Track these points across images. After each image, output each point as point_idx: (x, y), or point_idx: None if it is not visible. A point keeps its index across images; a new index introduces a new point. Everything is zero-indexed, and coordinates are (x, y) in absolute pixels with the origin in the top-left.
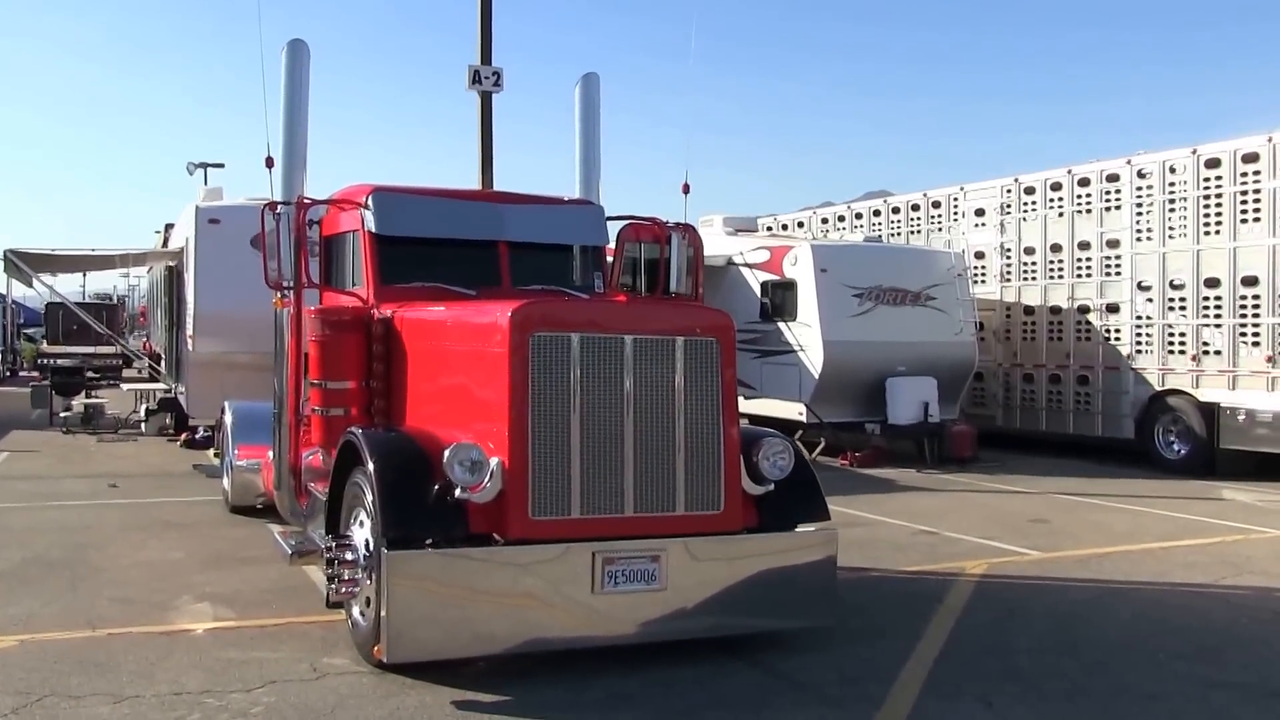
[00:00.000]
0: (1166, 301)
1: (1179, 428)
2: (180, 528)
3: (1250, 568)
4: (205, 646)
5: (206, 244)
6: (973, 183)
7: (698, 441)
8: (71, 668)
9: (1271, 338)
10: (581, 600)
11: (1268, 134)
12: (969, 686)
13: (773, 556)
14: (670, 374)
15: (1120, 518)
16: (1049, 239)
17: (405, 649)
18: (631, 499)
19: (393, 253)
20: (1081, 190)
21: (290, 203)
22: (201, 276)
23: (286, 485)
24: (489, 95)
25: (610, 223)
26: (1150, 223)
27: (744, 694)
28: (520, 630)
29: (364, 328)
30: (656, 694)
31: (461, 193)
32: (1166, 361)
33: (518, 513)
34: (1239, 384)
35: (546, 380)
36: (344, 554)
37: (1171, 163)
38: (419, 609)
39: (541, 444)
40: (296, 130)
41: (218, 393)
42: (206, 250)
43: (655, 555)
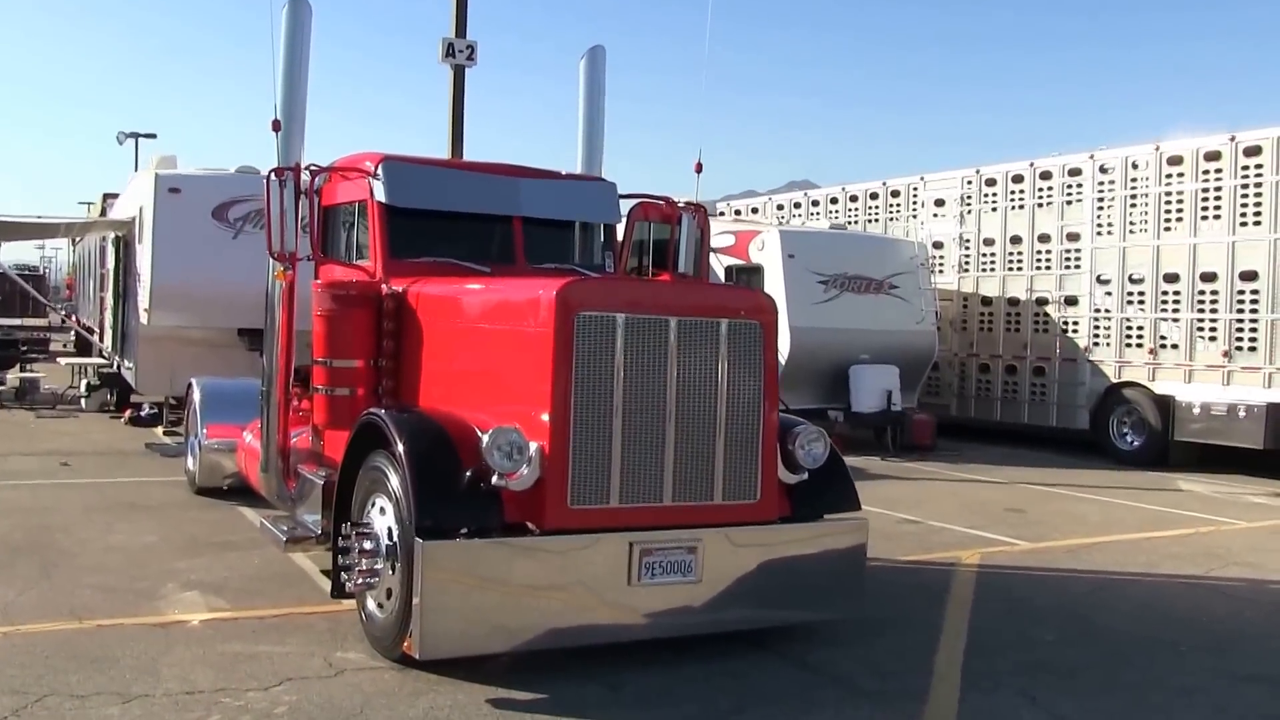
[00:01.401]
0: (1125, 295)
1: (1133, 419)
2: (146, 510)
3: (1233, 559)
4: (205, 639)
5: (166, 214)
6: (933, 173)
7: (737, 428)
8: (66, 663)
9: (1228, 333)
10: (617, 593)
11: (1230, 133)
12: (1006, 680)
13: (808, 547)
14: (714, 357)
15: (1092, 508)
16: (1009, 231)
17: (439, 645)
18: (670, 488)
19: (403, 225)
20: (1043, 183)
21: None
22: (160, 247)
23: (274, 467)
24: (462, 70)
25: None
26: (1111, 217)
27: (784, 690)
28: (555, 624)
29: (374, 303)
30: (697, 691)
31: (475, 165)
32: (1123, 354)
33: (556, 502)
34: (1195, 378)
35: (590, 362)
36: (362, 543)
37: (1134, 158)
38: (453, 602)
39: (583, 430)
40: (296, 95)
41: (168, 369)
42: (166, 220)
43: (692, 546)
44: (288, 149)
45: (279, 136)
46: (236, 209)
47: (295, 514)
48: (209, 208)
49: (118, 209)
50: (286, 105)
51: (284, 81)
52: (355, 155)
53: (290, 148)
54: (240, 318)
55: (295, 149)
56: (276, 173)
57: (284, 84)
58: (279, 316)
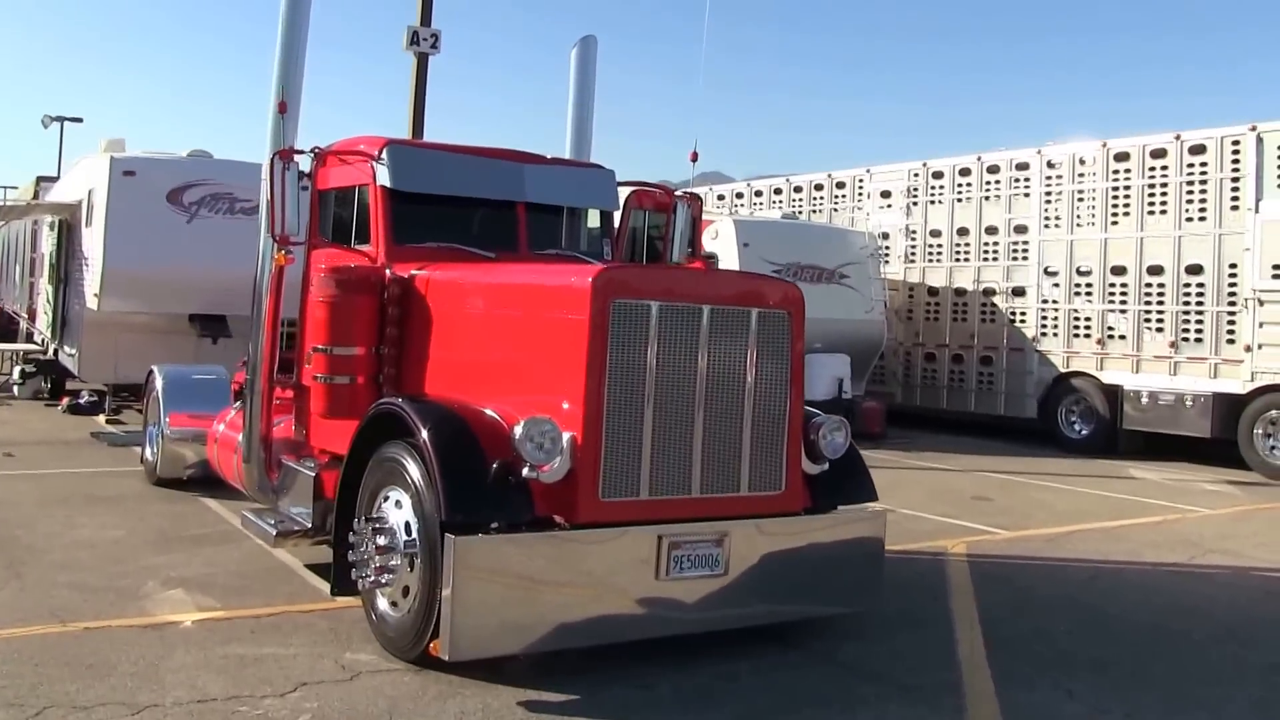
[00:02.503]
0: (1073, 287)
1: (1081, 408)
2: (106, 502)
3: (1209, 546)
4: (203, 642)
5: (120, 197)
6: (879, 165)
7: (764, 418)
8: (59, 671)
9: (1175, 324)
10: (645, 588)
11: (1175, 133)
12: (1037, 674)
13: (832, 539)
14: (744, 347)
15: (1056, 496)
16: (956, 223)
17: (470, 645)
18: (699, 479)
19: (407, 210)
20: (991, 177)
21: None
22: (113, 231)
23: (257, 458)
24: (425, 57)
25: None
26: (1059, 211)
27: (821, 687)
28: (585, 622)
29: (377, 289)
30: (733, 689)
31: (478, 150)
32: (1071, 344)
33: (587, 495)
34: (1142, 367)
35: (624, 351)
36: (376, 538)
37: (1081, 155)
38: (484, 601)
39: (616, 420)
40: (292, 77)
41: (113, 355)
42: (119, 204)
43: (720, 539)
44: (284, 132)
45: (281, 118)
46: (191, 193)
47: (279, 507)
48: (164, 191)
49: (58, 192)
50: (283, 88)
51: (280, 62)
52: (350, 139)
53: (287, 131)
54: (193, 303)
55: (290, 131)
56: (281, 155)
57: (279, 66)
58: (266, 304)
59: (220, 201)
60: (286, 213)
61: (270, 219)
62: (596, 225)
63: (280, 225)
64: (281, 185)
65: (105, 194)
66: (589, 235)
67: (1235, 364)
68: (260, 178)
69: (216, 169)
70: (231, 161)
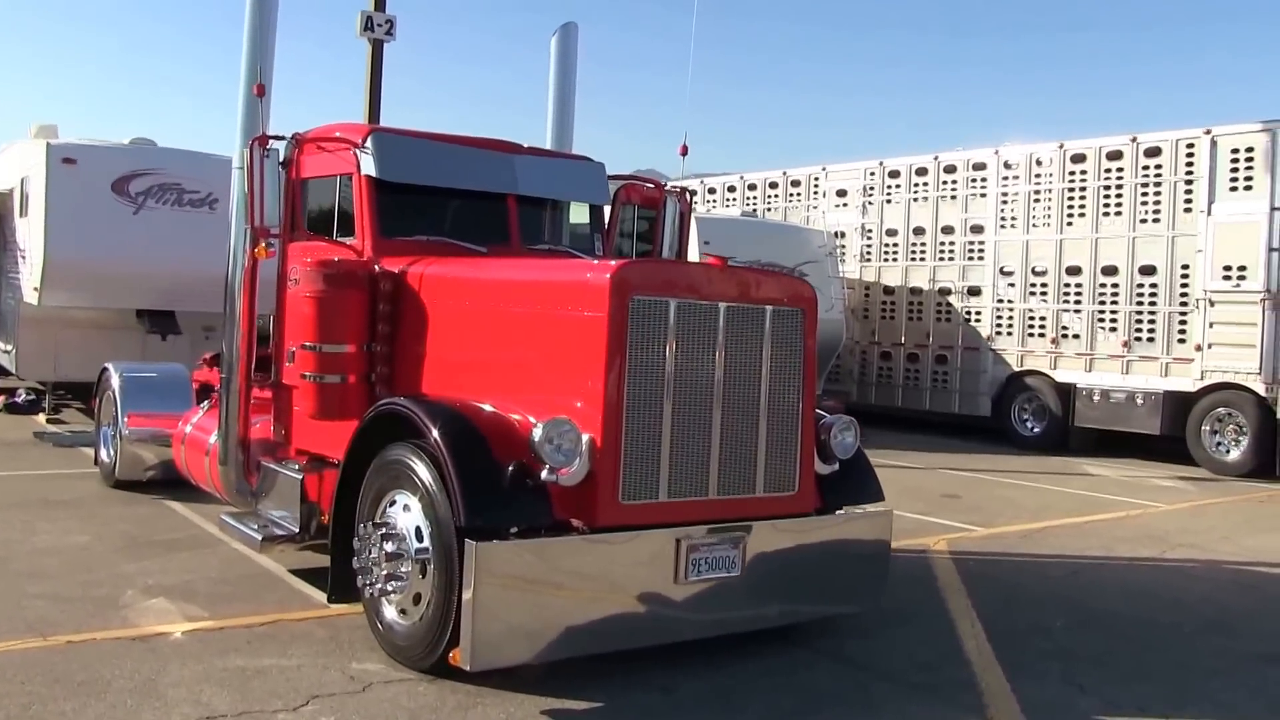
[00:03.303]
0: (1028, 287)
1: (1034, 406)
2: (64, 506)
3: (1174, 540)
4: (198, 654)
5: (60, 186)
6: (835, 163)
7: (779, 418)
8: (50, 689)
9: (1128, 324)
10: (664, 592)
11: (1131, 134)
12: (1045, 669)
13: (842, 539)
14: (759, 345)
15: (1021, 493)
16: (912, 222)
17: (492, 654)
18: (715, 481)
19: (393, 201)
20: (947, 177)
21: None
22: (54, 222)
23: (234, 460)
24: (380, 44)
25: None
26: (1015, 211)
27: (839, 687)
28: (605, 628)
29: (368, 284)
30: (753, 691)
31: (467, 139)
32: (1026, 343)
33: (607, 498)
34: (1096, 367)
35: (643, 349)
36: (384, 545)
37: (1038, 155)
38: (506, 608)
39: (636, 421)
40: (265, 58)
41: (53, 352)
42: (60, 193)
43: (737, 541)
44: (253, 116)
45: (240, 103)
46: (138, 182)
47: (259, 510)
48: (108, 181)
49: None
50: (252, 72)
51: (250, 43)
52: (328, 126)
53: (255, 115)
54: (140, 298)
55: (267, 117)
56: (259, 141)
57: (248, 48)
58: (240, 300)
59: (168, 192)
60: (266, 203)
61: (250, 210)
62: (585, 219)
63: (259, 216)
64: (260, 174)
65: (43, 183)
66: (577, 230)
67: (1186, 363)
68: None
69: (164, 158)
70: (179, 150)
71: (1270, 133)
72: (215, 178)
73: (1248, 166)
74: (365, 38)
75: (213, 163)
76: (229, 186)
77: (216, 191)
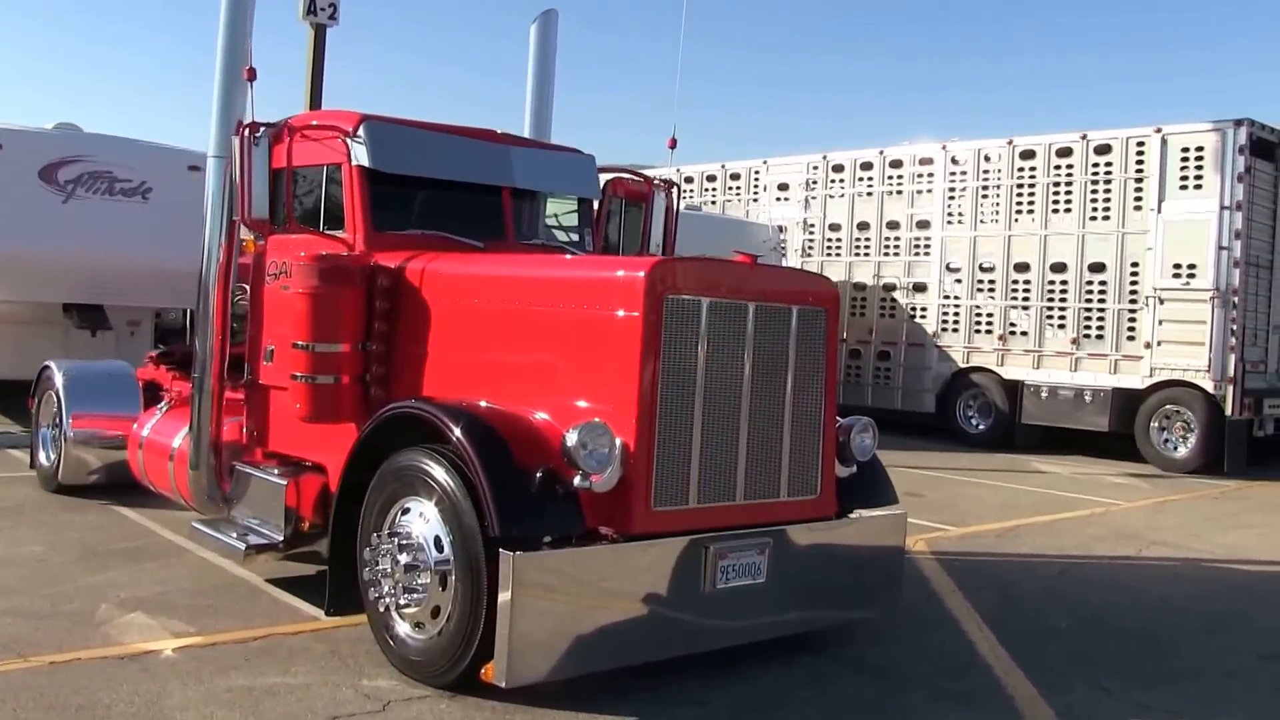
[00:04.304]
0: (975, 283)
1: (980, 403)
2: (6, 513)
3: (1148, 538)
4: (196, 673)
5: None
6: (776, 157)
7: (803, 420)
8: (44, 715)
9: (1077, 321)
10: (693, 600)
11: (1081, 131)
12: (1065, 672)
13: (860, 543)
14: (785, 346)
15: (982, 491)
16: (856, 217)
17: (529, 670)
18: (742, 485)
19: (386, 193)
20: (893, 171)
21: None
22: None
23: (207, 465)
24: (323, 29)
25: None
26: (963, 207)
27: (868, 695)
28: (638, 639)
29: (365, 280)
30: (787, 702)
31: (460, 129)
32: (972, 340)
33: (640, 504)
34: (1044, 364)
35: (676, 350)
36: (399, 555)
37: (986, 151)
38: (542, 622)
39: (668, 425)
40: (239, 42)
41: None
42: None
43: (763, 547)
44: (230, 102)
45: (217, 88)
46: (67, 170)
47: (233, 518)
48: (35, 168)
49: None
50: (228, 58)
51: (228, 24)
52: (312, 114)
53: (235, 101)
54: (69, 292)
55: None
56: (250, 128)
57: (228, 26)
58: (214, 297)
59: (99, 181)
60: (255, 193)
61: (240, 201)
62: (572, 211)
63: (249, 208)
64: (249, 162)
65: None
66: (565, 223)
67: (1135, 360)
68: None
69: (94, 145)
70: (110, 136)
71: (1220, 132)
72: (148, 166)
73: (1198, 165)
74: (308, 22)
75: (145, 150)
76: (163, 175)
77: (150, 180)
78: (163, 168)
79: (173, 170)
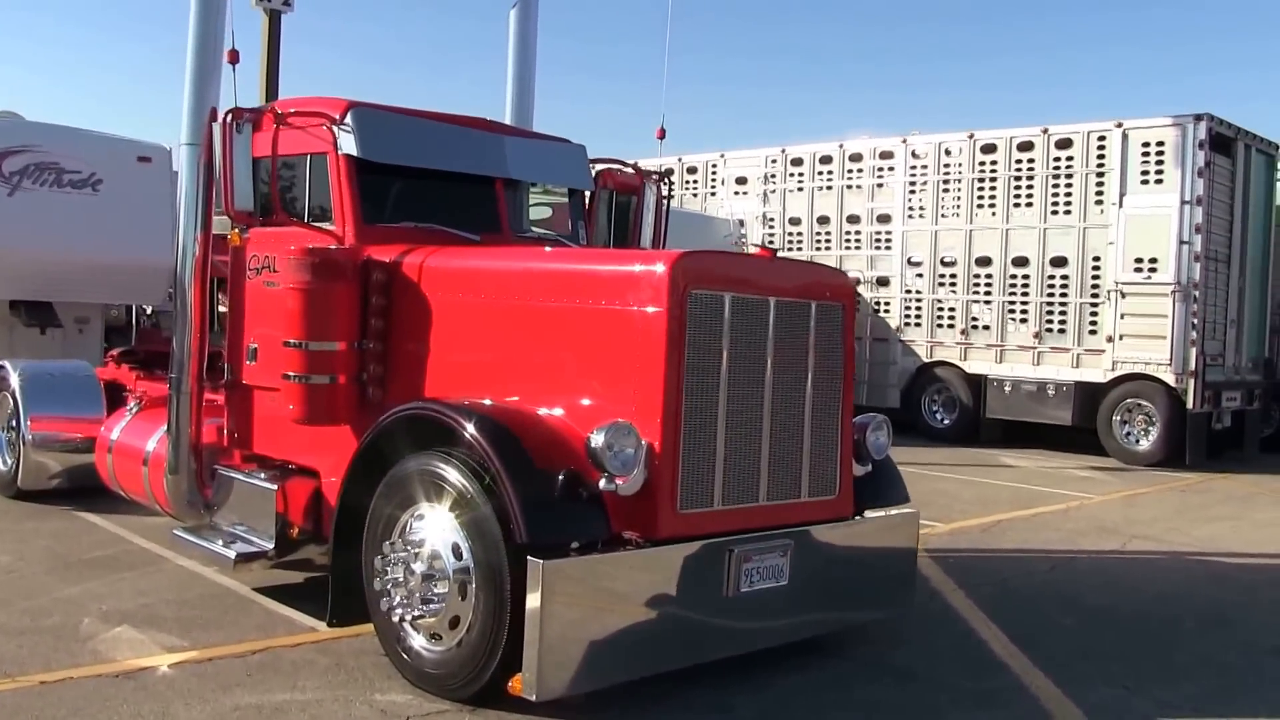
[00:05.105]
0: (937, 277)
1: (944, 398)
2: None
3: (1127, 532)
4: (197, 690)
5: None
6: (734, 150)
7: (822, 418)
8: None
9: (1039, 315)
10: (717, 605)
11: (1043, 126)
12: (1082, 670)
13: (876, 543)
14: (805, 342)
15: (956, 486)
16: (816, 210)
17: (560, 682)
18: (765, 486)
19: (375, 184)
20: (853, 165)
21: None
22: None
23: (187, 469)
24: (278, 15)
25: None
26: (923, 201)
27: (894, 698)
28: (665, 646)
29: (360, 275)
30: (813, 706)
31: (450, 117)
32: (935, 334)
33: (666, 507)
34: (1006, 358)
35: (700, 347)
36: (413, 564)
37: (947, 145)
38: (572, 631)
39: (693, 425)
40: (211, 23)
41: None
42: None
43: (785, 549)
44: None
45: (211, 71)
46: (12, 161)
47: (216, 524)
48: None
49: None
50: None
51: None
52: (294, 99)
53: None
54: (17, 288)
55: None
56: (234, 114)
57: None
58: (191, 294)
59: (46, 172)
60: (239, 183)
61: (225, 191)
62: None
63: (232, 198)
64: (231, 151)
65: None
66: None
67: (1097, 354)
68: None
69: (41, 135)
70: (58, 127)
71: (1180, 127)
72: (97, 157)
73: (1158, 160)
74: (261, 8)
75: (94, 140)
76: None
77: (99, 172)
78: (112, 159)
79: (122, 161)
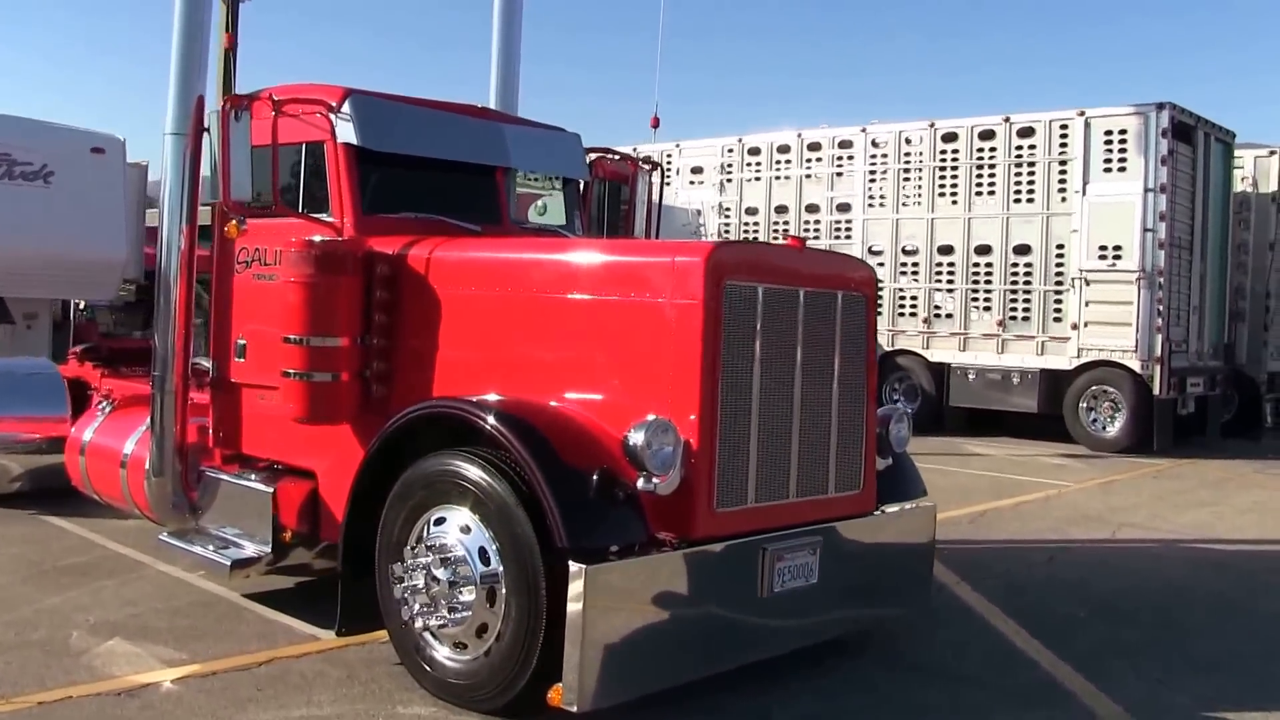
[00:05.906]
0: (899, 266)
1: (905, 386)
2: None
3: (1113, 520)
4: (208, 708)
5: None
6: (689, 140)
7: (848, 411)
8: None
9: (1002, 303)
10: (754, 606)
11: (1005, 114)
12: (1110, 664)
13: (897, 539)
14: (832, 333)
15: (931, 475)
16: (774, 200)
17: (603, 691)
18: (795, 481)
19: (375, 174)
20: (811, 154)
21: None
22: None
23: (172, 471)
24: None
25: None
26: (884, 190)
27: (927, 697)
28: (704, 650)
29: (363, 268)
30: (847, 709)
31: (449, 105)
32: (896, 323)
33: (704, 507)
34: (970, 346)
35: (735, 340)
36: (437, 569)
37: (908, 134)
38: (612, 638)
39: (729, 421)
40: (199, 9)
41: None
42: None
43: (814, 546)
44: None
45: (174, 63)
46: None
47: (203, 528)
48: None
49: None
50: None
51: None
52: (287, 86)
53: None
54: None
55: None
56: (232, 101)
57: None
58: (176, 290)
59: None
60: (236, 174)
61: (223, 182)
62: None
63: (229, 189)
64: (229, 140)
65: None
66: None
67: (1062, 341)
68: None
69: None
70: (8, 116)
71: (1143, 116)
72: (49, 148)
73: (1121, 148)
74: None
75: (45, 131)
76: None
77: (51, 163)
78: (65, 150)
79: (75, 153)
